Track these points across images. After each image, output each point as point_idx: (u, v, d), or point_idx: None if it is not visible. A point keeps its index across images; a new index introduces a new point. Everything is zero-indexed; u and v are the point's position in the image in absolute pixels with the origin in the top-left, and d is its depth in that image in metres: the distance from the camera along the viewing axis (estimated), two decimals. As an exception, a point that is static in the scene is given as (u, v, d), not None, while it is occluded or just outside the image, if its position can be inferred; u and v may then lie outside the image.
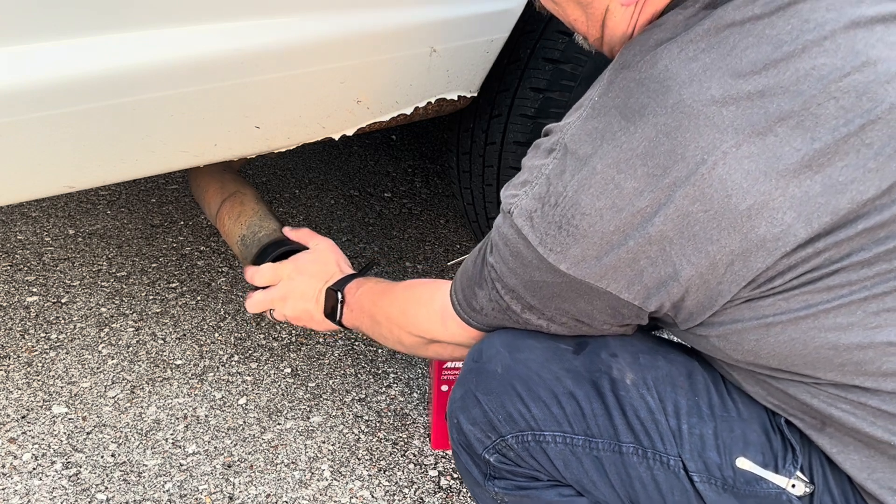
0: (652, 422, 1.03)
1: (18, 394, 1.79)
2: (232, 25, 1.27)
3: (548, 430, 1.07)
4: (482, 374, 1.10)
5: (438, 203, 2.60)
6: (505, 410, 1.08)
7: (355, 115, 1.48)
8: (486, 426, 1.10)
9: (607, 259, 0.95)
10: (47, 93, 1.17)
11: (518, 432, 1.08)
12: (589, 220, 0.94)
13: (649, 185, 0.90)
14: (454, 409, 1.14)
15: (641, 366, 1.07)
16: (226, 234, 1.62)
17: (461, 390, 1.13)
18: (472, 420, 1.11)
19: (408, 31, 1.42)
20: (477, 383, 1.10)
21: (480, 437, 1.11)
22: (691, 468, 1.02)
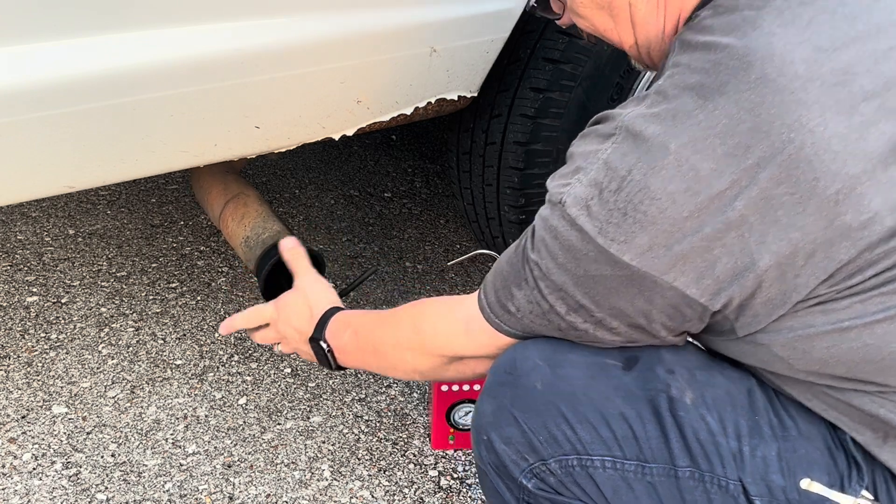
0: (712, 444, 0.96)
1: (18, 394, 1.79)
2: (232, 25, 1.27)
3: (596, 455, 0.98)
4: (519, 389, 1.01)
5: (438, 203, 2.60)
6: (547, 431, 0.99)
7: (355, 115, 1.48)
8: (524, 447, 1.01)
9: (678, 248, 0.87)
10: (47, 93, 1.17)
11: (562, 456, 1.00)
12: (659, 205, 0.86)
13: (730, 166, 0.84)
14: (484, 425, 1.04)
15: (699, 383, 0.99)
16: (229, 236, 1.62)
17: (492, 404, 1.03)
18: (507, 439, 1.02)
19: (408, 31, 1.42)
20: (513, 399, 1.01)
21: (516, 458, 1.02)
22: (753, 492, 0.95)
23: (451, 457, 1.69)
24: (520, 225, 1.74)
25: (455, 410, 1.64)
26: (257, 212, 1.60)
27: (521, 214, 1.73)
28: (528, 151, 1.67)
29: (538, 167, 1.68)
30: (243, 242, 1.58)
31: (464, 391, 1.62)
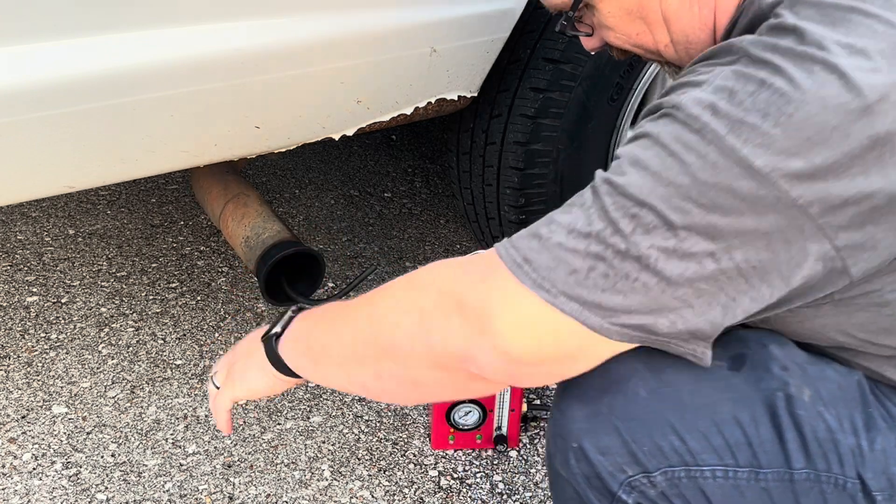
0: (831, 442, 0.90)
1: (18, 394, 1.79)
2: (232, 25, 1.27)
3: (707, 465, 0.92)
4: (619, 396, 0.93)
5: (438, 203, 2.60)
6: (653, 442, 0.92)
7: (355, 115, 1.48)
8: (624, 458, 0.93)
9: (820, 160, 0.73)
10: (47, 93, 1.17)
11: (668, 468, 0.93)
12: (808, 109, 0.73)
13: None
14: (575, 432, 0.95)
15: (812, 378, 0.92)
16: (229, 236, 1.62)
17: (586, 410, 0.95)
18: (604, 449, 0.94)
19: (408, 31, 1.42)
20: (612, 406, 0.93)
21: (613, 470, 0.94)
22: (874, 487, 0.90)
23: (451, 457, 1.69)
24: (520, 225, 1.74)
25: (455, 410, 1.64)
26: (257, 212, 1.60)
27: (521, 214, 1.73)
28: (528, 151, 1.67)
29: (538, 167, 1.68)
30: (243, 242, 1.58)
31: (464, 391, 1.62)
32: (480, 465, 1.67)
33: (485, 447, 1.70)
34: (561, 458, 0.97)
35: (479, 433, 1.68)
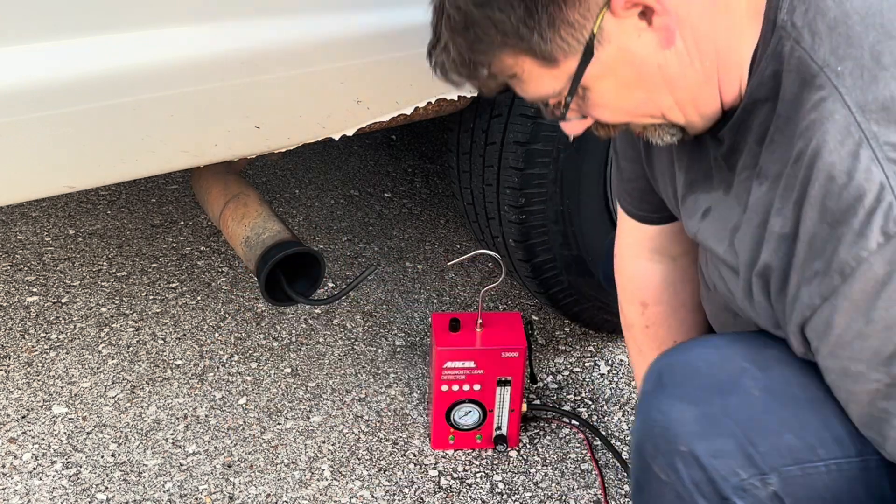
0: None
1: (18, 394, 1.79)
2: (232, 25, 1.27)
3: (820, 460, 0.91)
4: (732, 396, 0.91)
5: (438, 203, 2.60)
6: (769, 442, 0.90)
7: (355, 115, 1.48)
8: (739, 460, 0.91)
9: None
10: (47, 93, 1.17)
11: (783, 467, 0.91)
12: None
13: None
14: (683, 435, 0.92)
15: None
16: (229, 236, 1.62)
17: (696, 412, 0.92)
18: (718, 453, 0.91)
19: (408, 31, 1.42)
20: (725, 407, 0.91)
21: (727, 473, 0.91)
22: None
23: (451, 457, 1.69)
24: (520, 225, 1.74)
25: (455, 410, 1.64)
26: (257, 212, 1.60)
27: (521, 214, 1.73)
28: (528, 151, 1.67)
29: (538, 167, 1.68)
30: (243, 242, 1.58)
31: (464, 391, 1.62)
32: (480, 465, 1.67)
33: (485, 447, 1.70)
34: (664, 462, 0.94)
35: (479, 433, 1.68)
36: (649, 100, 0.92)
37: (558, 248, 1.78)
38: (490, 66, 0.89)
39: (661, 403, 0.95)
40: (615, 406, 1.84)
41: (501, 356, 1.59)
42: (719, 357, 0.94)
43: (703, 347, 0.99)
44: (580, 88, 0.90)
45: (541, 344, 2.01)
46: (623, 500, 1.62)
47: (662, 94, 0.91)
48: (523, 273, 1.85)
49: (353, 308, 2.10)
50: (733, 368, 0.93)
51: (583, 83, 0.89)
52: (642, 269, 1.33)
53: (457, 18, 0.87)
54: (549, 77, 0.89)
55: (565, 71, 0.88)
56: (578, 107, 0.94)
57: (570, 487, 1.63)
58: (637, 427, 0.99)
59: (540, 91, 0.92)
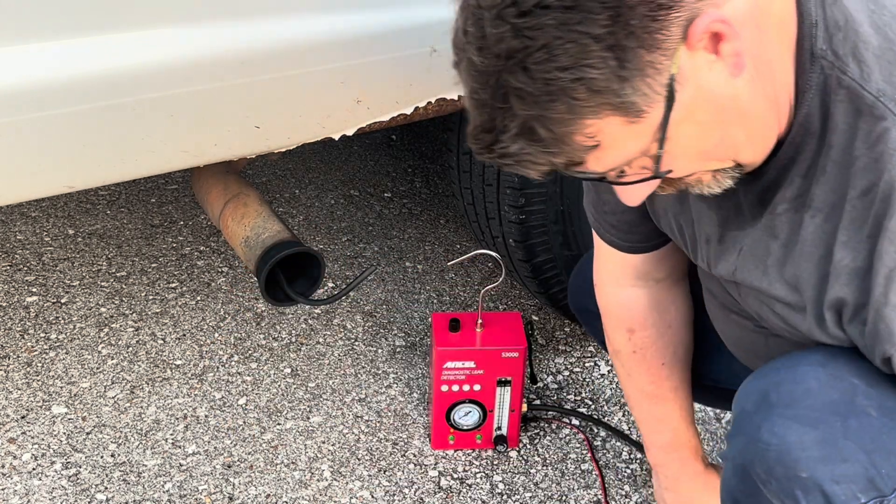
0: None
1: (18, 394, 1.79)
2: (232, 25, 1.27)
3: None
4: (852, 418, 0.89)
5: (438, 203, 2.60)
6: (891, 463, 0.88)
7: (355, 115, 1.48)
8: (861, 485, 0.88)
9: None
10: (47, 93, 1.17)
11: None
12: None
13: None
14: (803, 461, 0.89)
15: None
16: (229, 236, 1.62)
17: (815, 434, 0.89)
18: (840, 477, 0.88)
19: (408, 31, 1.42)
20: (847, 430, 0.88)
21: (847, 499, 0.88)
22: None
23: (451, 457, 1.69)
24: (520, 225, 1.74)
25: (455, 410, 1.64)
26: (257, 212, 1.60)
27: (521, 214, 1.73)
28: (528, 151, 1.66)
29: (538, 167, 1.68)
30: (243, 242, 1.57)
31: (464, 391, 1.62)
32: (480, 466, 1.67)
33: (485, 447, 1.70)
34: (779, 487, 0.91)
35: (479, 433, 1.68)
36: (726, 138, 0.86)
37: (558, 248, 1.78)
38: (570, 142, 0.79)
39: (774, 425, 0.91)
40: (615, 406, 1.84)
41: (501, 356, 1.58)
42: (828, 375, 0.91)
43: (809, 365, 0.94)
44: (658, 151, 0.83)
45: (541, 344, 2.01)
46: (623, 500, 1.62)
47: (737, 129, 0.86)
48: (523, 273, 1.85)
49: (353, 308, 2.10)
50: (845, 387, 0.90)
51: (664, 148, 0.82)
52: (627, 295, 1.30)
53: (533, 94, 0.76)
54: (633, 135, 0.80)
55: (650, 124, 0.80)
56: (646, 168, 0.86)
57: (571, 488, 1.63)
58: (742, 447, 0.95)
59: (623, 155, 0.83)
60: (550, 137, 0.79)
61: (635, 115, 0.78)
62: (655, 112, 0.79)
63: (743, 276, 1.01)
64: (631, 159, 0.84)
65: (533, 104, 0.77)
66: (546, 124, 0.78)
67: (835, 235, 0.88)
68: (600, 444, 1.73)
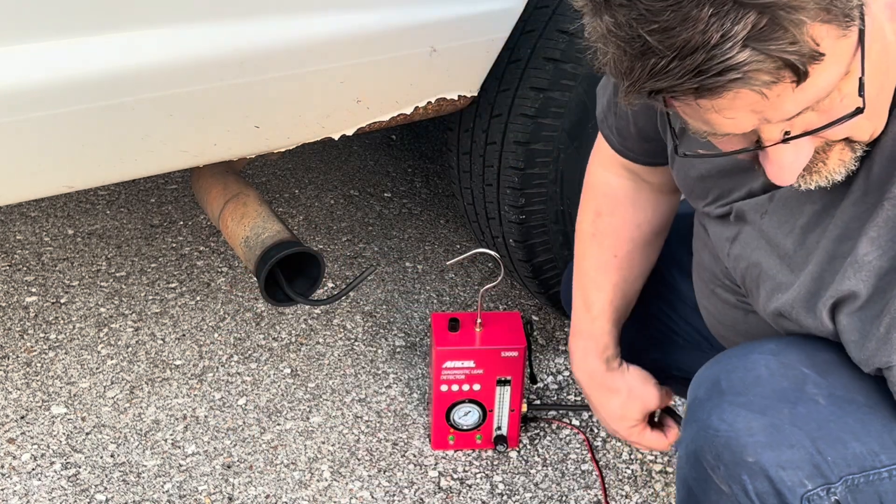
0: None
1: (17, 394, 1.79)
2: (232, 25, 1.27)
3: (884, 466, 0.89)
4: (800, 405, 0.90)
5: (438, 203, 2.60)
6: (837, 450, 0.88)
7: (355, 115, 1.48)
8: (807, 471, 0.89)
9: None
10: (47, 93, 1.17)
11: (849, 475, 0.89)
12: None
13: None
14: (750, 446, 0.90)
15: None
16: (229, 236, 1.62)
17: (763, 421, 0.90)
18: (786, 463, 0.89)
19: (408, 30, 1.42)
20: (794, 416, 0.89)
21: (793, 485, 0.89)
22: None
23: (451, 457, 1.69)
24: (520, 225, 1.74)
25: (455, 410, 1.64)
26: (257, 212, 1.60)
27: (521, 214, 1.73)
28: (528, 151, 1.66)
29: (538, 167, 1.68)
30: (243, 242, 1.57)
31: (463, 391, 1.62)
32: (480, 466, 1.67)
33: (485, 447, 1.70)
34: (727, 473, 0.91)
35: (479, 433, 1.68)
36: (881, 93, 0.78)
37: (558, 248, 1.78)
38: (802, 35, 0.67)
39: (724, 412, 0.92)
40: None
41: (501, 356, 1.58)
42: (779, 363, 0.92)
43: (761, 353, 0.95)
44: None
45: (541, 344, 2.01)
46: (623, 500, 1.62)
47: (887, 85, 0.78)
48: (523, 273, 1.85)
49: (353, 308, 2.10)
50: (795, 376, 0.90)
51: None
52: (607, 179, 1.30)
53: (756, 20, 0.66)
54: (840, 54, 0.70)
55: (850, 45, 0.70)
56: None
57: (571, 488, 1.63)
58: (693, 435, 0.96)
59: (834, 76, 0.71)
60: (790, 23, 0.66)
61: (844, 27, 0.69)
62: (853, 34, 0.70)
63: (767, 226, 0.98)
64: (829, 89, 0.72)
65: (762, 24, 0.65)
66: (785, 8, 0.66)
67: (864, 227, 0.86)
68: (600, 445, 1.73)
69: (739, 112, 0.72)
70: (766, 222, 0.99)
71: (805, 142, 0.77)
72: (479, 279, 2.23)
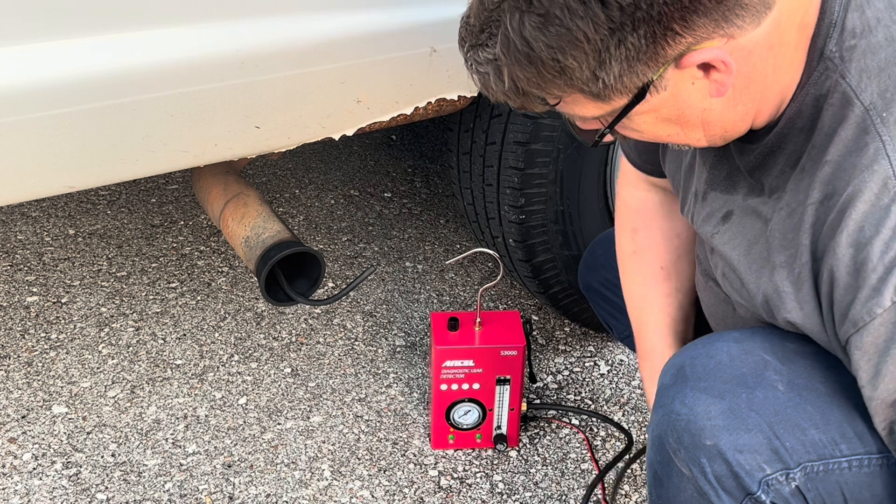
0: None
1: (18, 394, 1.79)
2: (232, 25, 1.27)
3: (844, 456, 0.90)
4: (758, 391, 0.92)
5: (438, 203, 2.60)
6: (795, 437, 0.90)
7: (355, 115, 1.48)
8: (765, 456, 0.91)
9: None
10: (47, 93, 1.17)
11: (808, 462, 0.91)
12: None
13: None
14: (708, 429, 0.92)
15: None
16: (229, 236, 1.62)
17: (721, 405, 0.92)
18: (744, 447, 0.91)
19: (408, 31, 1.43)
20: (751, 401, 0.91)
21: (752, 469, 0.91)
22: None
23: (451, 457, 1.69)
24: (520, 225, 1.74)
25: (455, 410, 1.64)
26: (257, 212, 1.60)
27: (521, 214, 1.73)
28: (528, 151, 1.67)
29: (538, 167, 1.68)
30: (243, 242, 1.58)
31: (463, 391, 1.62)
32: (480, 465, 1.67)
33: (485, 447, 1.70)
34: (687, 455, 0.94)
35: (479, 432, 1.68)
36: (681, 134, 0.91)
37: (558, 248, 1.78)
38: (539, 94, 0.85)
39: (685, 396, 0.94)
40: (615, 406, 1.84)
41: (500, 354, 1.59)
42: (741, 350, 0.94)
43: (724, 341, 0.98)
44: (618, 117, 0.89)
45: (541, 344, 2.01)
46: (623, 500, 1.62)
47: (696, 131, 0.90)
48: (523, 273, 1.85)
49: (353, 308, 2.10)
50: (755, 362, 0.93)
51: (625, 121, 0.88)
52: (637, 196, 1.31)
53: (519, 48, 0.80)
54: (594, 107, 0.86)
55: (612, 106, 0.85)
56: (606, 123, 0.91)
57: (571, 487, 1.63)
58: (658, 420, 0.98)
59: (578, 113, 0.88)
60: (523, 90, 0.83)
61: (601, 99, 0.83)
62: (620, 101, 0.84)
63: (720, 242, 1.02)
64: (586, 119, 0.89)
65: (517, 59, 0.80)
66: (524, 80, 0.82)
67: (790, 233, 0.89)
68: (600, 444, 1.73)
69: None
70: (721, 243, 1.02)
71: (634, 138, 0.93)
72: (478, 279, 2.24)
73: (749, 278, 0.97)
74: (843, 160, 0.84)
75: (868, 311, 0.81)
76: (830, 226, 0.84)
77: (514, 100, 0.86)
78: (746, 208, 0.98)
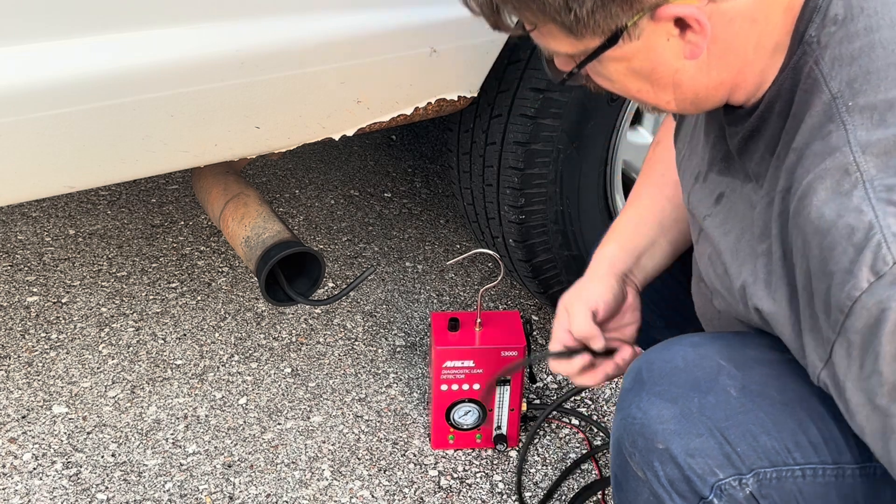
0: None
1: (19, 394, 1.79)
2: (232, 25, 1.27)
3: (797, 464, 0.90)
4: (710, 395, 0.91)
5: (438, 203, 2.60)
6: (746, 443, 0.90)
7: (355, 115, 1.48)
8: (717, 460, 0.91)
9: None
10: (47, 93, 1.17)
11: (760, 469, 0.90)
12: None
13: None
14: (661, 433, 0.92)
15: None
16: (229, 236, 1.63)
17: (674, 410, 0.92)
18: (695, 451, 0.91)
19: (408, 31, 1.43)
20: (703, 406, 0.91)
21: (704, 473, 0.91)
22: None
23: (451, 457, 1.69)
24: (519, 225, 1.74)
25: (455, 410, 1.64)
26: (257, 212, 1.60)
27: (521, 214, 1.73)
28: (528, 151, 1.67)
29: (538, 167, 1.68)
30: (243, 242, 1.58)
31: (463, 391, 1.62)
32: (480, 465, 1.68)
33: (485, 447, 1.70)
34: (642, 459, 0.94)
35: (479, 432, 1.68)
36: (650, 91, 0.91)
37: (558, 248, 1.78)
38: (514, 16, 0.87)
39: (641, 400, 0.95)
40: (615, 406, 1.84)
41: (501, 355, 1.59)
42: (697, 355, 0.94)
43: (681, 345, 0.98)
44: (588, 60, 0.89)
45: (541, 344, 2.01)
46: (623, 499, 1.62)
47: (666, 91, 0.90)
48: (523, 273, 1.85)
49: (353, 308, 2.10)
50: (710, 366, 0.93)
51: (594, 64, 0.88)
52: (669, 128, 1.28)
53: None
54: (567, 42, 0.87)
55: (585, 45, 0.86)
56: (574, 67, 0.92)
57: (571, 487, 1.63)
58: (616, 424, 0.99)
59: (552, 47, 0.89)
60: (499, 7, 0.86)
61: (574, 35, 0.84)
62: (592, 41, 0.85)
63: (711, 226, 1.01)
64: (558, 55, 0.90)
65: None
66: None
67: (767, 222, 0.89)
68: (600, 444, 1.73)
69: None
70: (715, 230, 1.02)
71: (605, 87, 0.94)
72: (478, 279, 2.24)
73: (732, 264, 0.96)
74: (806, 148, 0.83)
75: (847, 296, 0.79)
76: (794, 214, 0.83)
77: (490, 17, 0.88)
78: (741, 193, 0.97)
